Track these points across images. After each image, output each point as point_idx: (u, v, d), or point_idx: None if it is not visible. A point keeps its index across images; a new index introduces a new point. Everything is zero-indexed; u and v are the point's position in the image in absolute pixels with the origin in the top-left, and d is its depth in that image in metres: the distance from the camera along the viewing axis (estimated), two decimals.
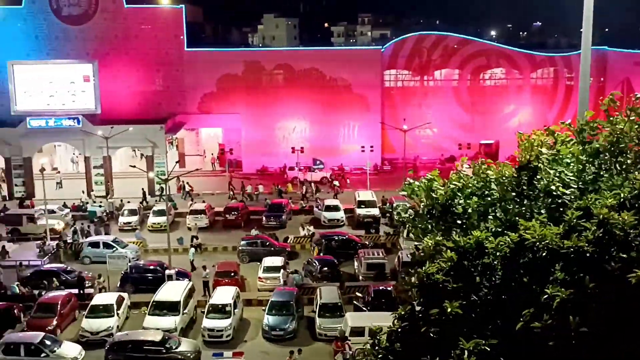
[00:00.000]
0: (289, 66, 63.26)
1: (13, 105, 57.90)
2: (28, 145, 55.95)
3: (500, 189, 10.60)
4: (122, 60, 61.06)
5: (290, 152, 60.14)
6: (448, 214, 10.86)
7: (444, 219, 10.88)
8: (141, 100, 61.89)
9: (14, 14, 59.98)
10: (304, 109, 63.50)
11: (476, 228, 9.86)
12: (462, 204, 10.76)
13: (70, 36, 60.52)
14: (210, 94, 63.00)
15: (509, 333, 7.68)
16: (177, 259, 39.72)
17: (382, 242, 43.43)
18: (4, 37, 59.41)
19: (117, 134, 54.02)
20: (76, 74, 58.12)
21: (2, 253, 41.51)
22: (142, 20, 61.12)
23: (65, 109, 57.38)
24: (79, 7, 60.21)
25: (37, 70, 58.55)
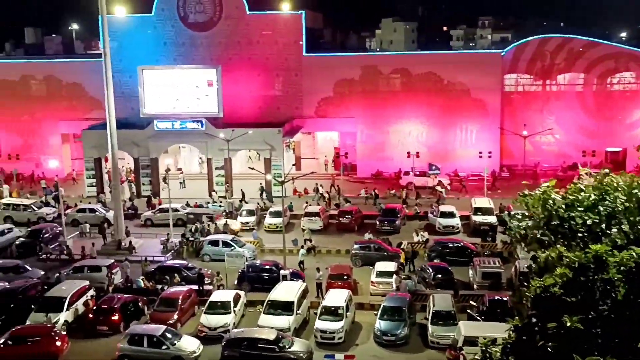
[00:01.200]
0: (406, 70, 62.96)
1: (142, 108, 61.08)
2: (155, 147, 58.89)
3: (627, 200, 10.07)
4: (244, 66, 63.02)
5: (406, 157, 59.77)
6: (566, 226, 10.44)
7: (562, 232, 10.47)
8: (261, 104, 63.61)
9: (145, 22, 63.39)
10: (420, 114, 63.00)
11: (597, 242, 9.42)
12: (581, 216, 10.30)
13: (196, 42, 63.18)
14: (327, 98, 63.79)
15: (630, 351, 7.31)
16: (292, 259, 40.47)
17: (498, 251, 42.34)
18: (135, 44, 62.88)
19: (237, 136, 55.84)
20: (201, 79, 60.52)
21: (129, 248, 43.91)
22: (263, 27, 62.82)
23: (190, 112, 59.89)
24: (204, 15, 62.76)
25: (164, 75, 61.49)
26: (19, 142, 66.76)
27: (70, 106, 66.15)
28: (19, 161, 62.72)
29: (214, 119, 59.40)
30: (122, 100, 61.86)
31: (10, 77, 67.10)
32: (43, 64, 69.15)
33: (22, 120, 66.92)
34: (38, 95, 67.10)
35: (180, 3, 62.57)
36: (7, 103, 67.07)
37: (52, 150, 66.17)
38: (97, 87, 61.19)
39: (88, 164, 59.44)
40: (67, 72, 66.51)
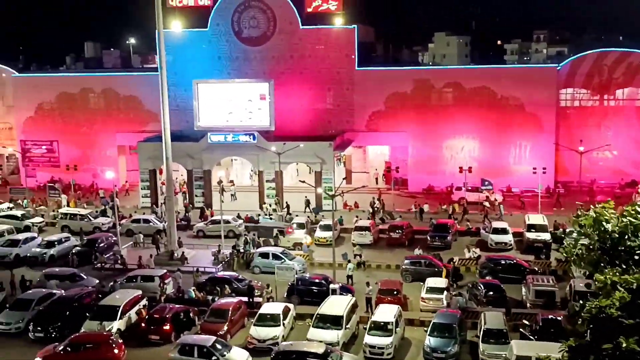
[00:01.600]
0: (458, 84, 62.45)
1: (196, 121, 62.12)
2: (208, 159, 59.76)
3: None
4: (296, 79, 63.55)
5: (458, 172, 59.18)
6: (621, 249, 10.15)
7: (617, 254, 10.18)
8: (312, 118, 63.96)
9: (200, 37, 64.61)
10: (473, 128, 62.35)
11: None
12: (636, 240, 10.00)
13: (249, 57, 64.05)
14: (379, 112, 63.71)
15: None
16: (341, 273, 40.40)
17: (552, 269, 41.42)
18: (190, 58, 64.14)
19: (288, 149, 56.24)
20: (253, 93, 61.24)
21: (182, 259, 44.55)
22: (316, 41, 63.29)
23: (243, 125, 60.63)
24: (258, 30, 63.61)
25: (218, 89, 62.48)
26: (77, 154, 68.63)
27: (127, 119, 67.80)
28: (77, 172, 64.45)
29: (265, 132, 59.97)
30: (177, 113, 63.20)
31: (70, 90, 69.18)
32: (101, 78, 71.07)
33: (80, 132, 68.87)
34: (96, 107, 68.98)
35: (234, 18, 63.60)
36: (67, 115, 69.19)
37: (109, 162, 67.79)
38: (153, 100, 62.68)
39: (143, 175, 60.68)
40: (125, 86, 68.22)
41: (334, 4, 62.24)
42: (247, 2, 63.46)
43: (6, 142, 72.14)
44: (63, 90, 69.33)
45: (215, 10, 63.93)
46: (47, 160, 69.25)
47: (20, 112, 70.40)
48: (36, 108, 69.87)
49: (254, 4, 63.39)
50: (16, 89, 70.79)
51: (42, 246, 46.98)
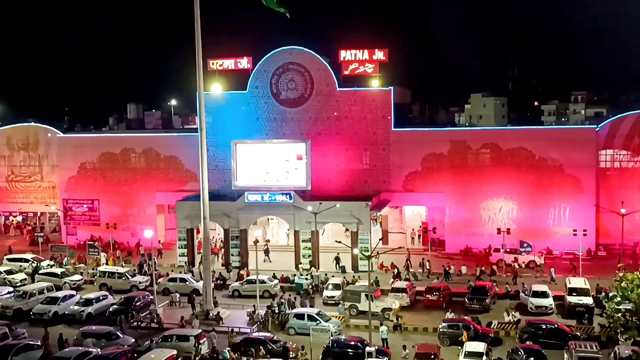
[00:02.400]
0: (496, 145, 62.29)
1: (234, 180, 62.86)
2: (245, 218, 60.12)
3: None
4: (333, 140, 64.20)
5: (496, 233, 58.44)
6: None
7: None
8: (349, 178, 64.26)
9: (239, 99, 66.05)
10: (510, 189, 61.82)
11: None
12: None
13: (287, 118, 65.09)
14: (415, 172, 63.72)
15: None
16: (377, 336, 39.75)
17: (595, 334, 40.17)
18: (230, 119, 65.46)
19: (325, 209, 56.36)
20: (290, 153, 61.90)
21: (217, 319, 44.41)
22: (352, 102, 64.13)
23: (279, 185, 61.10)
24: (296, 91, 64.79)
25: (256, 149, 63.33)
26: (117, 212, 69.79)
27: (167, 178, 68.98)
28: (117, 230, 65.35)
29: (302, 192, 60.30)
30: (216, 173, 64.20)
31: (113, 149, 70.85)
32: (143, 138, 72.76)
33: (121, 191, 70.18)
34: (137, 167, 70.37)
35: (273, 81, 64.97)
36: (109, 174, 70.68)
37: (148, 220, 68.69)
38: (192, 160, 63.88)
39: (181, 234, 61.22)
40: (165, 146, 69.66)
41: (371, 66, 63.24)
42: (285, 66, 64.87)
43: (49, 200, 73.77)
44: (105, 150, 71.04)
45: (255, 73, 65.46)
46: (87, 218, 70.65)
47: (64, 171, 72.18)
48: (79, 167, 71.57)
49: (292, 67, 64.75)
50: (61, 148, 72.79)
51: (80, 304, 47.35)
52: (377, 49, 63.46)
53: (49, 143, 74.17)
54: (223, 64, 65.91)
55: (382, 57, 63.56)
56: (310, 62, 64.47)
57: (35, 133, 75.05)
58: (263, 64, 65.38)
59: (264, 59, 65.39)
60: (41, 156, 74.62)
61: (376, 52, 63.35)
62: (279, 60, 65.10)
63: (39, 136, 74.66)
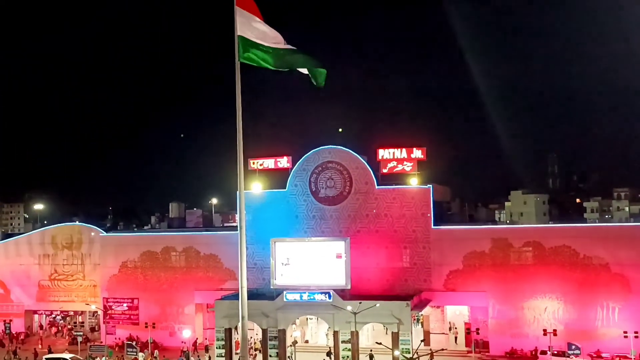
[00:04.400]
0: (538, 243, 61.20)
1: (273, 279, 62.56)
2: (284, 318, 59.33)
3: None
4: (372, 238, 63.92)
5: (542, 335, 56.43)
6: None
7: None
8: (388, 277, 63.44)
9: (279, 197, 66.76)
10: (555, 288, 60.15)
11: None
12: None
13: (326, 216, 65.31)
14: (457, 271, 62.68)
15: None
16: None
17: None
18: (269, 217, 65.91)
19: (365, 309, 55.39)
20: (329, 251, 61.68)
21: None
22: (391, 200, 64.22)
23: (318, 284, 60.52)
24: (334, 189, 65.31)
25: (295, 247, 63.31)
26: (156, 311, 69.66)
27: (206, 277, 69.04)
28: (155, 330, 65.03)
29: (341, 291, 59.57)
30: (255, 271, 64.11)
31: (154, 248, 71.58)
32: (183, 236, 73.46)
33: (161, 290, 70.31)
34: (177, 265, 70.74)
35: (312, 179, 65.73)
36: (149, 273, 71.11)
37: (186, 320, 68.32)
38: (231, 258, 64.08)
39: (219, 333, 60.53)
40: (205, 244, 70.15)
41: (409, 165, 63.72)
42: (324, 164, 65.77)
43: (90, 299, 74.19)
44: (147, 249, 71.80)
45: (294, 171, 66.42)
46: (127, 317, 70.59)
47: (106, 270, 72.90)
48: (120, 266, 72.25)
49: (331, 166, 65.60)
50: (103, 247, 73.83)
51: None
52: (415, 147, 64.14)
53: (92, 242, 75.35)
54: (263, 163, 67.17)
55: (421, 156, 64.11)
56: (348, 161, 65.29)
57: (79, 232, 76.47)
58: (302, 162, 66.42)
59: (304, 158, 66.47)
60: (84, 255, 75.67)
61: (414, 150, 63.99)
62: (317, 159, 66.11)
63: (83, 235, 75.99)
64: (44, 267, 76.72)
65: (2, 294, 77.77)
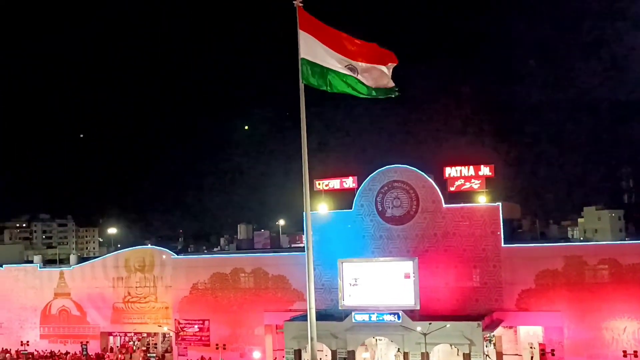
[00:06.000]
0: (614, 261, 59.08)
1: (341, 300, 62.38)
2: (352, 339, 59.02)
3: None
4: (440, 257, 63.04)
5: (622, 356, 54.27)
6: None
7: None
8: (458, 297, 62.34)
9: (345, 217, 66.71)
10: (634, 308, 57.82)
11: None
12: None
13: (393, 235, 64.83)
14: (529, 290, 61.08)
15: None
16: None
17: None
18: (336, 238, 65.85)
19: (435, 330, 54.57)
20: (397, 271, 61.13)
21: None
22: (459, 219, 63.27)
23: (387, 304, 60.03)
24: (401, 209, 64.84)
25: (362, 268, 63.02)
26: (227, 332, 70.42)
27: (275, 298, 69.45)
28: (225, 351, 65.72)
29: (410, 312, 58.89)
30: (322, 292, 63.99)
31: (224, 270, 72.58)
32: (252, 258, 74.25)
33: (231, 311, 71.09)
34: (246, 287, 71.46)
35: (378, 199, 65.46)
36: (219, 295, 72.07)
37: (256, 341, 68.79)
38: (299, 279, 64.33)
39: (289, 355, 60.68)
40: (273, 265, 70.67)
41: (477, 182, 62.75)
42: (390, 184, 65.44)
43: (162, 321, 75.66)
44: (216, 271, 72.85)
45: (360, 192, 66.32)
46: (198, 339, 71.63)
47: (177, 291, 74.28)
48: (191, 288, 73.51)
49: (397, 185, 65.22)
50: (175, 270, 75.31)
51: None
52: (483, 164, 63.17)
53: (164, 264, 76.96)
54: (329, 184, 67.35)
55: (489, 173, 63.08)
56: (415, 180, 64.79)
57: (151, 255, 78.28)
58: (368, 182, 66.28)
59: (369, 178, 66.33)
60: (156, 277, 77.33)
61: (482, 167, 63.03)
62: (383, 179, 65.85)
63: (155, 258, 77.74)
64: (118, 290, 78.77)
65: (79, 316, 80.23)
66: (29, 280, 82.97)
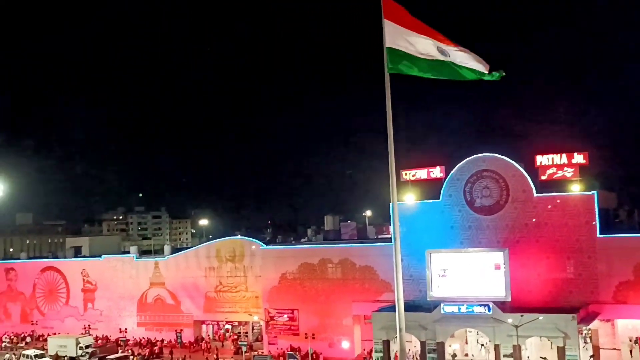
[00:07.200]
0: None
1: (429, 291, 61.82)
2: (442, 331, 58.45)
3: None
4: (532, 248, 61.34)
5: None
6: None
7: None
8: (551, 289, 60.52)
9: (432, 208, 65.90)
10: None
11: None
12: None
13: (482, 225, 63.57)
14: (627, 282, 58.60)
15: None
16: None
17: None
18: (423, 228, 65.17)
19: (526, 322, 53.25)
20: (487, 262, 60.00)
21: None
22: (552, 208, 61.36)
23: (476, 296, 59.04)
24: (491, 199, 63.47)
25: (451, 259, 62.21)
26: (315, 322, 71.16)
27: (362, 288, 69.59)
28: (314, 340, 66.43)
29: (501, 303, 57.70)
30: (410, 283, 63.56)
31: (311, 260, 73.35)
32: (339, 249, 74.58)
33: (319, 301, 71.78)
34: (334, 277, 71.95)
35: (467, 188, 64.32)
36: (307, 285, 72.88)
37: (345, 331, 69.17)
38: (387, 270, 64.13)
39: (377, 345, 60.73)
40: (360, 256, 70.81)
41: (570, 170, 60.61)
42: (479, 173, 64.16)
43: (252, 310, 77.25)
44: (304, 261, 73.70)
45: (448, 181, 65.34)
46: (288, 328, 72.73)
47: (266, 281, 75.65)
48: (280, 278, 74.68)
49: (486, 175, 63.86)
50: (264, 260, 76.71)
51: None
52: (576, 152, 60.92)
53: (253, 255, 78.51)
54: (416, 174, 66.67)
55: (582, 161, 60.75)
56: (504, 169, 63.24)
57: (241, 246, 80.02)
58: (456, 172, 65.19)
59: (457, 168, 65.22)
60: (246, 267, 79.01)
61: (575, 155, 60.76)
62: (472, 168, 64.61)
63: (244, 248, 79.43)
64: (210, 279, 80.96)
65: (173, 304, 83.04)
66: (127, 270, 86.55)
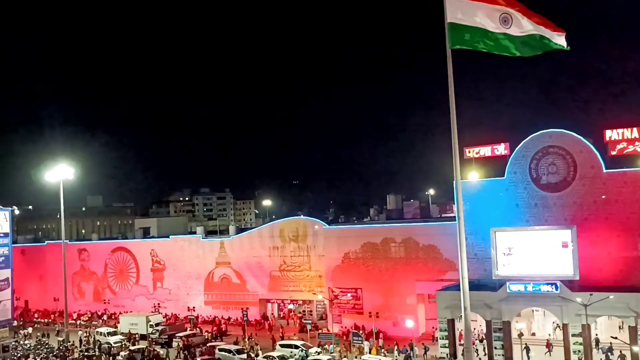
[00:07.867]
0: None
1: (494, 270, 61.02)
2: (507, 310, 57.66)
3: None
4: (601, 226, 59.67)
5: None
6: None
7: None
8: (622, 267, 58.80)
9: (497, 185, 64.77)
10: None
11: None
12: None
13: (549, 203, 62.14)
14: None
15: None
16: None
17: None
18: (487, 206, 64.20)
19: (596, 301, 52.01)
20: (554, 240, 58.75)
21: None
22: (622, 185, 59.44)
23: (543, 274, 57.95)
24: (557, 175, 61.93)
25: (517, 237, 61.15)
26: (379, 301, 71.34)
27: (426, 267, 69.29)
28: (379, 319, 66.60)
29: (569, 282, 56.49)
30: (475, 262, 62.87)
31: (374, 239, 73.39)
32: (402, 228, 74.33)
33: (382, 280, 71.88)
34: (397, 256, 71.84)
35: (532, 165, 62.92)
36: (370, 264, 73.03)
37: (408, 310, 69.12)
38: (450, 249, 63.59)
39: (441, 324, 60.43)
40: (423, 235, 70.42)
41: None
42: (545, 149, 62.63)
43: (316, 289, 77.96)
44: (367, 240, 73.79)
45: (513, 158, 64.02)
46: (352, 307, 73.17)
47: (330, 261, 76.14)
48: (343, 257, 75.03)
49: (553, 151, 62.28)
50: (327, 239, 77.17)
51: None
52: None
53: (316, 234, 79.11)
54: (479, 151, 65.57)
55: None
56: (571, 144, 61.53)
57: (304, 225, 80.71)
58: (521, 149, 63.77)
59: (522, 144, 63.77)
60: (309, 247, 79.72)
61: None
62: (537, 144, 63.08)
63: (307, 228, 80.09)
64: (274, 259, 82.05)
65: (239, 283, 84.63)
66: (193, 249, 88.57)
